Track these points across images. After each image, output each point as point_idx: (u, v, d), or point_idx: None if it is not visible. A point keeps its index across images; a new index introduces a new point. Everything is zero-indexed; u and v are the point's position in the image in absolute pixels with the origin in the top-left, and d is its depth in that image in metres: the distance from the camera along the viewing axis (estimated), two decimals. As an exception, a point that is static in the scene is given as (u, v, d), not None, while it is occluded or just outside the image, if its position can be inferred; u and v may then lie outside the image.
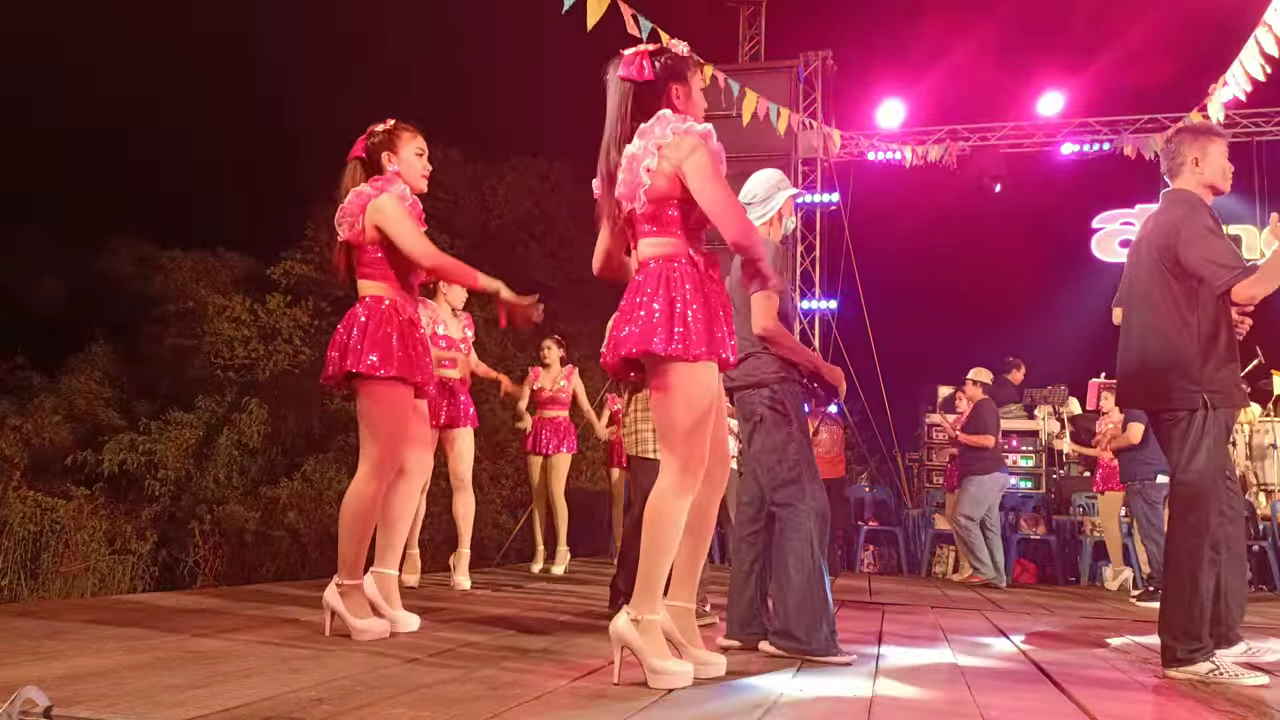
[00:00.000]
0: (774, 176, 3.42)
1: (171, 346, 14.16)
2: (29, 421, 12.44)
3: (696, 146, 2.50)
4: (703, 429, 2.49)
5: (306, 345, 14.22)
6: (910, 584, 7.58)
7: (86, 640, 2.66)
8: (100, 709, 1.85)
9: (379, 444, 3.05)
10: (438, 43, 21.68)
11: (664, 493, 2.47)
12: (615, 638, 2.46)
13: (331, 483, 11.98)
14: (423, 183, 3.25)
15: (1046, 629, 4.50)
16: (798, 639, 3.03)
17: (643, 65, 2.61)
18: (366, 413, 3.07)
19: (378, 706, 2.01)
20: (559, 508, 6.54)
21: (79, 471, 11.69)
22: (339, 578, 3.04)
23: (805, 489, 3.09)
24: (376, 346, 3.02)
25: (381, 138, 3.21)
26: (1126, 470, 6.52)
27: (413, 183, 3.21)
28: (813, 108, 11.10)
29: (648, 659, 2.41)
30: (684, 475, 2.47)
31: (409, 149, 3.22)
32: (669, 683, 2.40)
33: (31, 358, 13.42)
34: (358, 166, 3.22)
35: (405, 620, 3.19)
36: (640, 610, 2.44)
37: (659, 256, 2.55)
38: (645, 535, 2.47)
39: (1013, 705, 2.50)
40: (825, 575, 3.08)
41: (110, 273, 14.91)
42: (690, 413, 2.47)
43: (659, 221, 2.56)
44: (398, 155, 3.20)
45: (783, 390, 3.17)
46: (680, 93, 2.63)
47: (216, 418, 12.87)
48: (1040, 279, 13.81)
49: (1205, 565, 3.01)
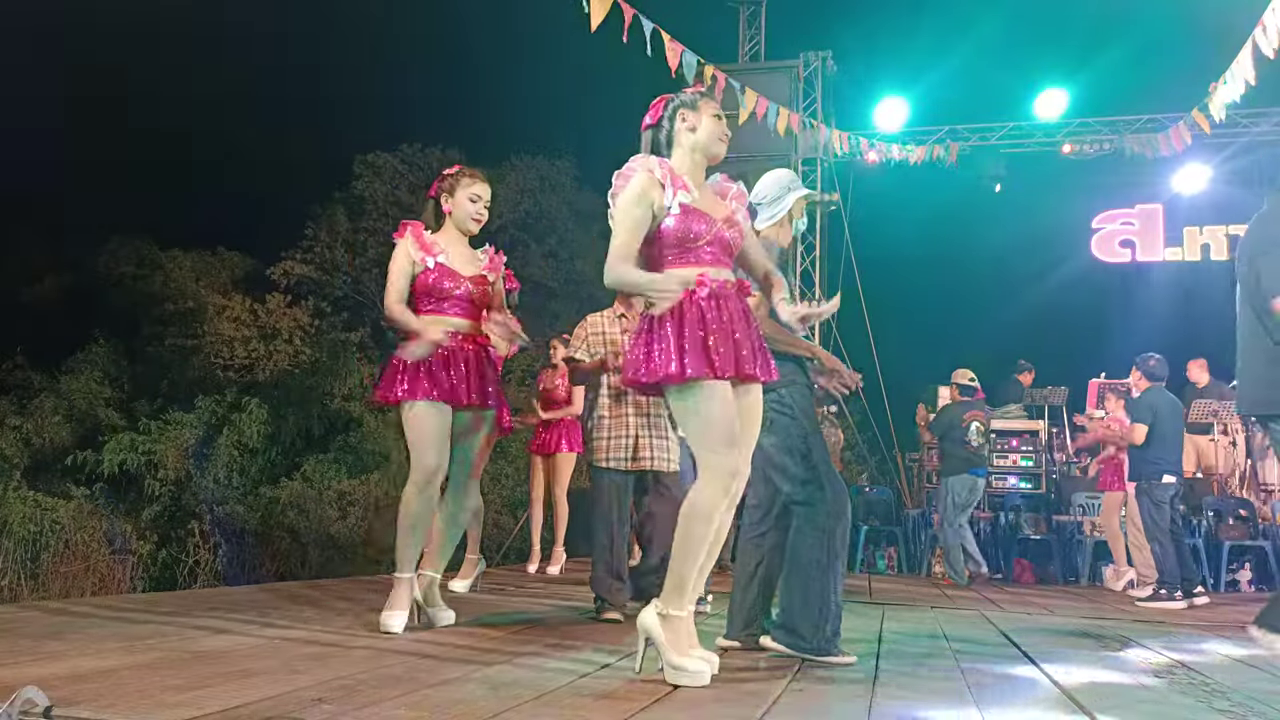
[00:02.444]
0: (785, 177, 3.39)
1: (171, 346, 14.16)
2: (29, 421, 12.44)
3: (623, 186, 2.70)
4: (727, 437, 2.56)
5: (306, 345, 14.22)
6: (910, 584, 7.58)
7: (86, 640, 2.66)
8: (100, 709, 1.85)
9: (412, 455, 3.36)
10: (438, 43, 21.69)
11: (700, 498, 2.55)
12: (641, 629, 2.57)
13: (331, 483, 11.98)
14: (473, 225, 3.52)
15: (1046, 629, 4.50)
16: (801, 636, 3.03)
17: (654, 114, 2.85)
18: (405, 428, 3.39)
19: (378, 706, 2.01)
20: (560, 508, 6.53)
21: (79, 471, 11.68)
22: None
23: (825, 488, 3.09)
24: (399, 377, 3.35)
25: (447, 181, 3.54)
26: (1133, 469, 6.50)
27: (461, 225, 3.51)
28: (813, 108, 11.09)
29: (669, 654, 2.49)
30: (716, 480, 2.54)
31: (465, 193, 3.50)
32: (687, 680, 2.45)
33: (31, 358, 13.42)
34: (431, 205, 3.57)
35: (440, 616, 3.46)
36: (668, 606, 2.54)
37: None
38: (678, 535, 2.56)
39: (1012, 705, 2.50)
40: (839, 576, 3.07)
41: (110, 273, 14.90)
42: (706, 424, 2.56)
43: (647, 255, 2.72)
44: (454, 199, 3.50)
45: (791, 394, 3.16)
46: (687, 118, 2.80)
47: (216, 418, 12.86)
48: (1040, 279, 13.81)
49: None
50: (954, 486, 7.48)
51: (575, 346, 4.23)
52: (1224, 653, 3.77)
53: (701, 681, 2.46)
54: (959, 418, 7.56)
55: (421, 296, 3.44)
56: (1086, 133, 10.89)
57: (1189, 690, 2.84)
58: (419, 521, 3.33)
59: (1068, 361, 11.24)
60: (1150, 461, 6.26)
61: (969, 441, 7.51)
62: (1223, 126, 9.80)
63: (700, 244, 2.67)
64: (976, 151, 10.96)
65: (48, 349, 13.50)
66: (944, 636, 3.94)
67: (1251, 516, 8.02)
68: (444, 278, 3.41)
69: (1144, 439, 6.26)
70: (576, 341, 4.24)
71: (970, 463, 7.54)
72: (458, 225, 3.51)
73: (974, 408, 7.66)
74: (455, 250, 3.50)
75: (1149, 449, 6.27)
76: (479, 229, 3.55)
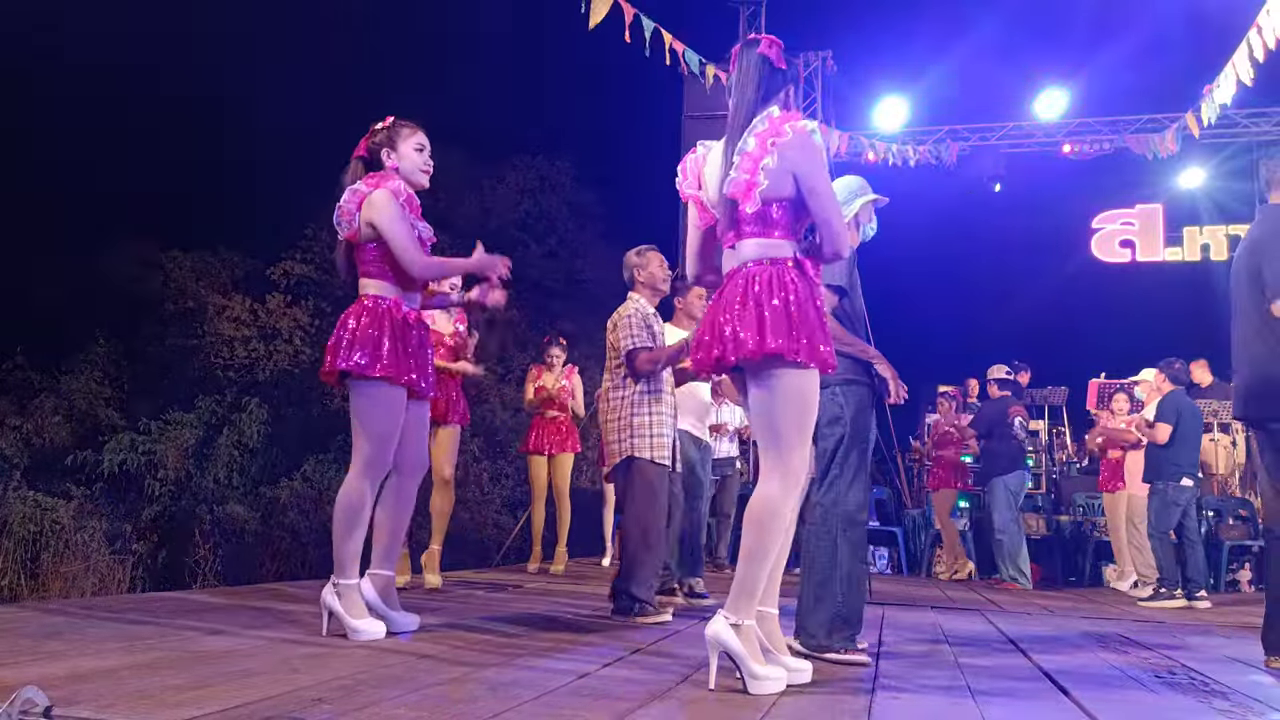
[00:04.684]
0: (854, 183, 3.32)
1: (171, 346, 14.16)
2: (29, 421, 12.43)
3: (815, 150, 2.52)
4: (808, 435, 2.52)
5: (306, 345, 14.21)
6: (910, 584, 7.58)
7: (86, 640, 2.66)
8: (100, 709, 1.85)
9: (368, 443, 3.05)
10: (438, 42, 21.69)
11: (770, 498, 2.46)
12: (713, 642, 2.44)
13: (331, 483, 11.97)
14: (423, 177, 3.24)
15: (1047, 629, 4.50)
16: (811, 635, 3.04)
17: (780, 53, 2.65)
18: (356, 411, 3.08)
19: (378, 706, 2.01)
20: (563, 507, 6.53)
21: (79, 471, 11.68)
22: (335, 577, 3.03)
23: (841, 492, 3.09)
24: (365, 346, 3.00)
25: (382, 135, 3.20)
26: (1152, 469, 6.47)
27: (412, 178, 3.20)
28: (812, 108, 11.10)
29: (748, 664, 2.41)
30: (790, 480, 2.48)
31: (408, 144, 3.20)
32: (769, 689, 2.40)
33: (31, 357, 13.41)
34: (359, 165, 3.22)
35: (402, 620, 3.18)
36: (739, 615, 2.44)
37: (767, 258, 2.52)
38: (748, 539, 2.45)
39: (1013, 705, 2.50)
40: (853, 578, 3.07)
41: (110, 273, 14.89)
42: (800, 419, 2.48)
43: (767, 222, 2.52)
44: (397, 151, 3.19)
45: (845, 392, 3.14)
46: (789, 93, 2.66)
47: (216, 418, 12.86)
48: (1040, 279, 13.81)
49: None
50: (1011, 484, 7.35)
51: (635, 335, 3.99)
52: (1224, 653, 3.77)
53: (779, 688, 2.42)
54: (1003, 413, 7.52)
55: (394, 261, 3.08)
56: (1086, 133, 10.89)
57: (1189, 690, 2.84)
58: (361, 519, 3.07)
59: (1068, 361, 11.25)
60: (1171, 463, 6.26)
61: (1015, 436, 7.47)
62: (1223, 126, 9.81)
63: None
64: (976, 151, 10.96)
65: (48, 349, 13.48)
66: (944, 637, 3.94)
67: (1251, 516, 8.02)
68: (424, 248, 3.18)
69: (1167, 439, 6.26)
70: (634, 330, 3.99)
71: (1018, 459, 7.50)
72: (408, 179, 3.19)
73: (1014, 402, 7.65)
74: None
75: (1170, 449, 6.27)
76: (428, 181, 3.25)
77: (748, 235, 2.54)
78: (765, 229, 2.53)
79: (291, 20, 17.85)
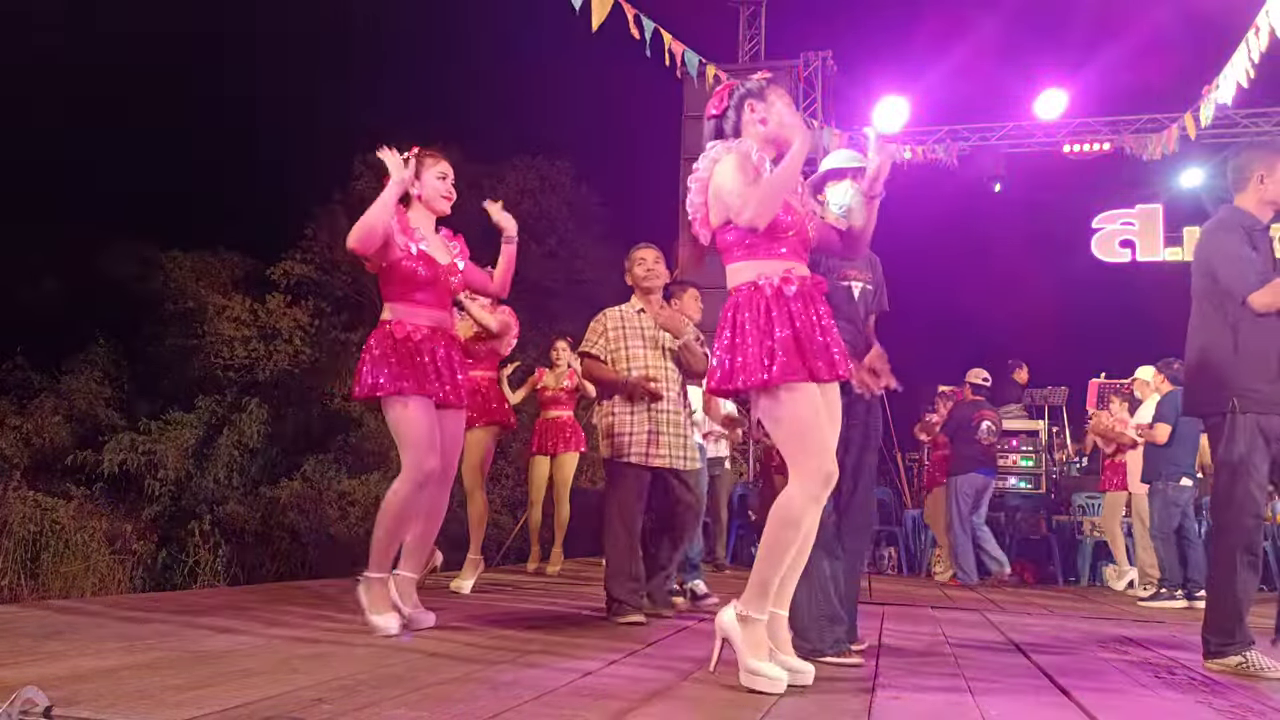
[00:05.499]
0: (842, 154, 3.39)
1: (171, 346, 14.16)
2: (29, 421, 12.44)
3: (720, 161, 2.61)
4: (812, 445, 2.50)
5: (306, 345, 14.22)
6: (910, 584, 7.58)
7: (86, 640, 2.66)
8: (100, 709, 1.85)
9: (403, 451, 3.24)
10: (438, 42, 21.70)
11: (788, 502, 2.50)
12: (718, 629, 2.53)
13: (331, 483, 11.98)
14: (444, 204, 3.42)
15: (1047, 629, 4.50)
16: (804, 637, 3.04)
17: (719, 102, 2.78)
18: (389, 426, 3.30)
19: (378, 706, 2.01)
20: (562, 507, 6.53)
21: (79, 471, 11.69)
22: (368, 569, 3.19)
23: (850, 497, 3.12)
24: (377, 368, 3.22)
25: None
26: (1150, 469, 6.47)
27: (433, 204, 3.40)
28: (813, 108, 11.10)
29: (746, 658, 2.45)
30: (808, 484, 2.50)
31: (431, 173, 3.38)
32: (762, 686, 2.40)
33: (31, 358, 13.41)
34: None
35: (421, 618, 3.32)
36: (748, 608, 2.49)
37: (735, 284, 2.63)
38: (765, 534, 2.50)
39: (1013, 705, 2.50)
40: (829, 576, 3.07)
41: (110, 273, 14.89)
42: (795, 434, 2.52)
43: (725, 247, 2.65)
44: (420, 180, 3.37)
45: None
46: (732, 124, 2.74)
47: (216, 418, 12.86)
48: (1040, 279, 13.82)
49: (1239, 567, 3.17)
50: (960, 486, 7.46)
51: (591, 341, 4.07)
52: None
53: (777, 689, 2.40)
54: (969, 417, 7.59)
55: (396, 282, 3.27)
56: (1086, 133, 10.89)
57: (1189, 690, 2.84)
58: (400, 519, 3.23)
59: (1068, 361, 11.25)
60: (1170, 462, 6.27)
61: (979, 440, 7.51)
62: (1223, 126, 9.80)
63: (787, 235, 2.59)
64: (976, 151, 10.95)
65: (48, 349, 13.49)
66: (944, 637, 3.94)
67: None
68: (422, 265, 3.28)
69: (1166, 439, 6.27)
70: (593, 336, 4.07)
71: (979, 462, 7.55)
72: (429, 206, 3.38)
73: (986, 407, 7.69)
74: (432, 237, 3.40)
75: (1169, 449, 6.27)
76: (449, 207, 3.44)
77: (725, 264, 2.68)
78: (727, 255, 2.66)
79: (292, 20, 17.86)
